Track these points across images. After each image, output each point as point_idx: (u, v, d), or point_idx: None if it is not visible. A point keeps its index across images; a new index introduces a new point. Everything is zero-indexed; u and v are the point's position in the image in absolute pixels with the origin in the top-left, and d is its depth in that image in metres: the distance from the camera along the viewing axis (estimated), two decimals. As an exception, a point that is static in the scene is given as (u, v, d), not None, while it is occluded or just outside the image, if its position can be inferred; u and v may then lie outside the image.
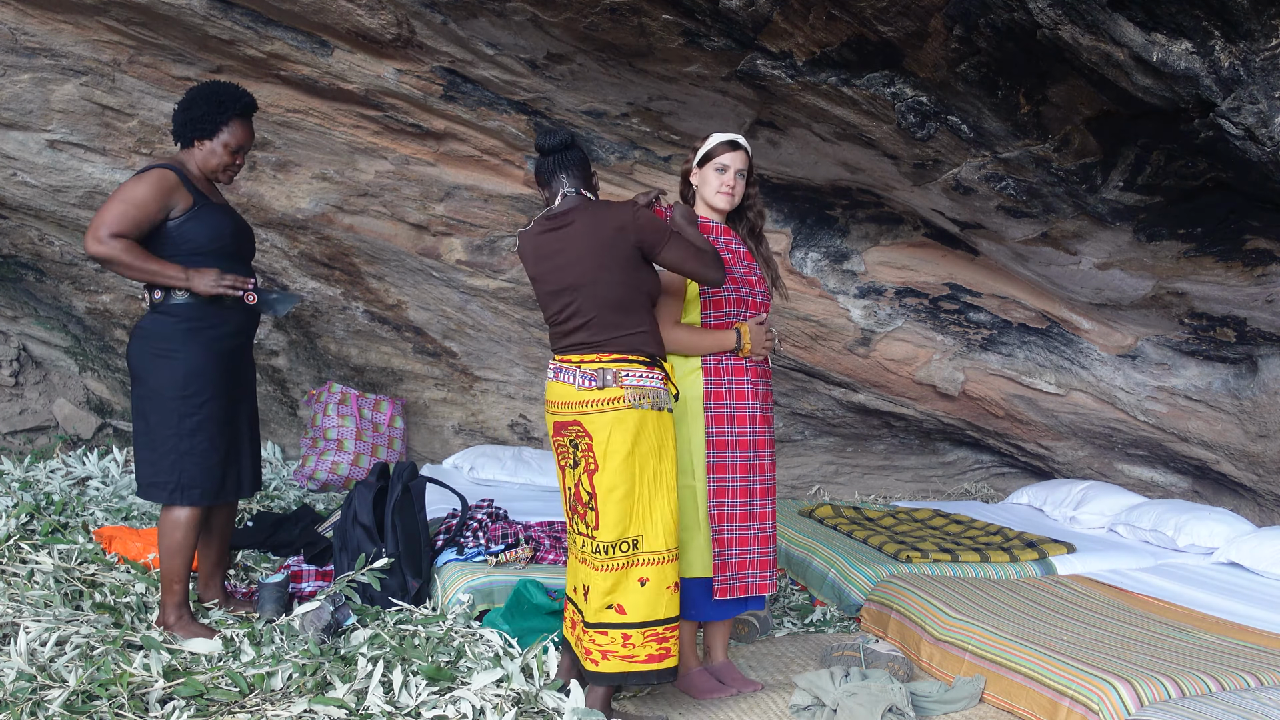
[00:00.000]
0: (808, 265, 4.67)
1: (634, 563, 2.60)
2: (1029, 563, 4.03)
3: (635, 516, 2.60)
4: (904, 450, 6.22)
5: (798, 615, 3.82)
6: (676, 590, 2.64)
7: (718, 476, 2.86)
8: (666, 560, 2.62)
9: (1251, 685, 2.68)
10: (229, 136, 3.17)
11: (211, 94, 3.15)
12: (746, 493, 2.89)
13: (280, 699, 2.60)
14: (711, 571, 2.86)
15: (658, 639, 2.60)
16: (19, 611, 2.97)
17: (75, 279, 5.54)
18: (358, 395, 5.86)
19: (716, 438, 2.86)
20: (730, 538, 2.87)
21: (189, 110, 3.14)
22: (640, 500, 2.60)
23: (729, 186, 2.92)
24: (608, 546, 2.61)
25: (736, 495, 2.88)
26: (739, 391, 2.89)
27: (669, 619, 2.62)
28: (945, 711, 2.83)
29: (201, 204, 3.12)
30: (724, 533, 2.86)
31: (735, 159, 2.92)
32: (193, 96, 3.16)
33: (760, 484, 2.93)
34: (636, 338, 2.63)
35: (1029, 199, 3.63)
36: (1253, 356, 4.31)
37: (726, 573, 2.86)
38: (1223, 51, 2.57)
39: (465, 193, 4.66)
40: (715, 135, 2.97)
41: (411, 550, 3.53)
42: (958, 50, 2.91)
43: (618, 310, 2.62)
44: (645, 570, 2.60)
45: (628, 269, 2.62)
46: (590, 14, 3.17)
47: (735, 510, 2.88)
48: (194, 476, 3.09)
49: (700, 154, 2.96)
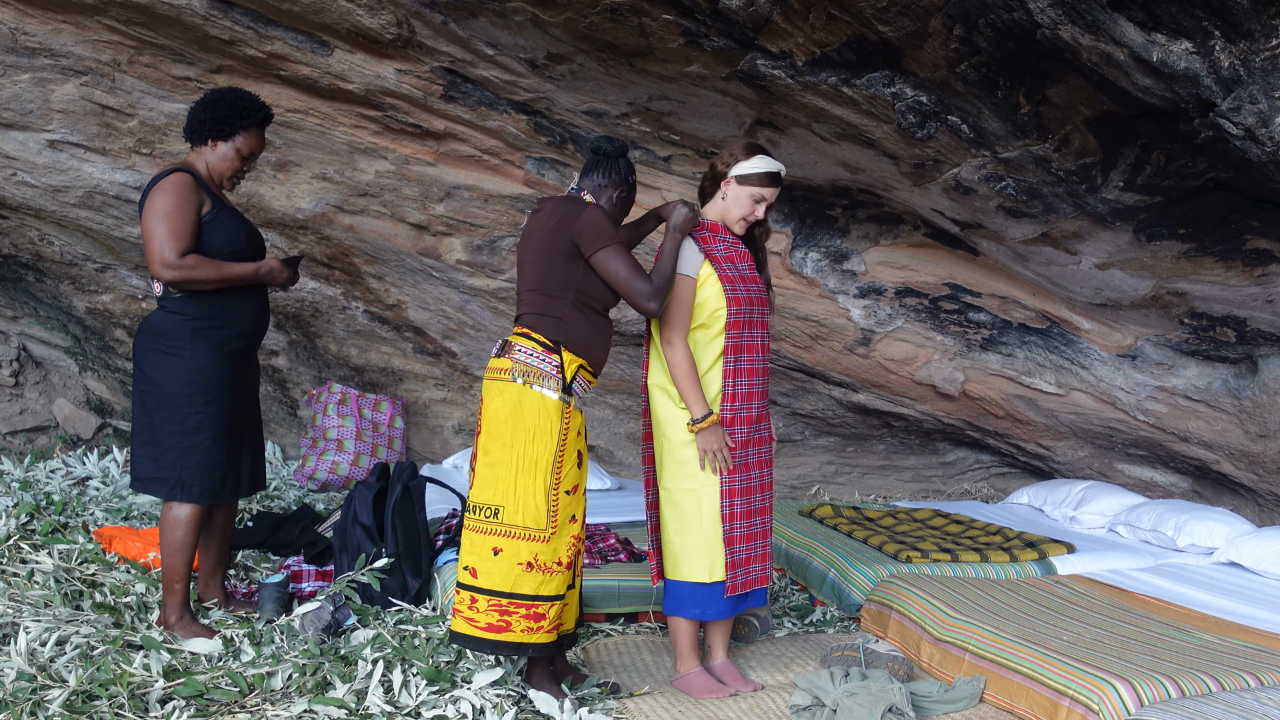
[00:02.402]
0: (808, 265, 4.67)
1: (491, 531, 2.69)
2: (1029, 563, 4.03)
3: (498, 486, 2.69)
4: (904, 450, 6.22)
5: (798, 615, 3.82)
6: (549, 574, 2.69)
7: (729, 476, 2.89)
8: (528, 538, 2.67)
9: (1251, 685, 2.68)
10: (243, 142, 3.19)
11: (236, 98, 3.18)
12: (752, 490, 2.94)
13: (280, 699, 2.61)
14: (706, 576, 2.89)
15: (500, 610, 2.66)
16: (19, 611, 2.97)
17: (75, 279, 5.54)
18: (358, 395, 5.86)
19: (735, 439, 2.90)
20: (739, 534, 2.90)
21: (212, 109, 3.15)
22: (505, 472, 2.69)
23: (756, 218, 2.98)
24: (474, 507, 2.74)
25: (743, 493, 2.92)
26: (750, 393, 2.93)
27: (524, 596, 2.67)
28: (945, 711, 2.83)
29: (219, 206, 3.15)
30: (734, 530, 2.89)
31: (773, 195, 2.97)
32: (216, 97, 3.18)
33: (762, 480, 2.99)
34: (547, 321, 2.74)
35: (1029, 199, 3.64)
36: (1253, 356, 4.31)
37: (736, 569, 2.89)
38: (1223, 51, 2.57)
39: (465, 193, 4.66)
40: (763, 160, 2.94)
41: (411, 550, 3.53)
42: (958, 50, 2.91)
43: (540, 294, 2.77)
44: (500, 541, 2.68)
45: (558, 259, 2.74)
46: (590, 14, 3.17)
47: (741, 508, 2.91)
48: (195, 474, 3.09)
49: (744, 171, 2.94)
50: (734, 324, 2.89)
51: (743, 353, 2.92)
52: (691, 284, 2.89)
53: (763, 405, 2.98)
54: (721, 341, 2.91)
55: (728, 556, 2.88)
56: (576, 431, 2.77)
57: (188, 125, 3.19)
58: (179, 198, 3.03)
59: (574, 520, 2.77)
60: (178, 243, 2.99)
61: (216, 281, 3.09)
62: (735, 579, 2.90)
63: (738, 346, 2.90)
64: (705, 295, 2.90)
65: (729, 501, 2.89)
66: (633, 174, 2.92)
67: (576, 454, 2.77)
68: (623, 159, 2.89)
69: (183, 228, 3.01)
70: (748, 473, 2.93)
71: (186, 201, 3.04)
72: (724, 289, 2.88)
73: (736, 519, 2.89)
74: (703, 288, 2.90)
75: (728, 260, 2.94)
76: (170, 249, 2.98)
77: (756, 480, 2.96)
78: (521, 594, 2.67)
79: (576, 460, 2.77)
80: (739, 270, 2.94)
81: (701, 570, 2.89)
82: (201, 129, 3.16)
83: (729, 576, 2.88)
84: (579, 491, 2.80)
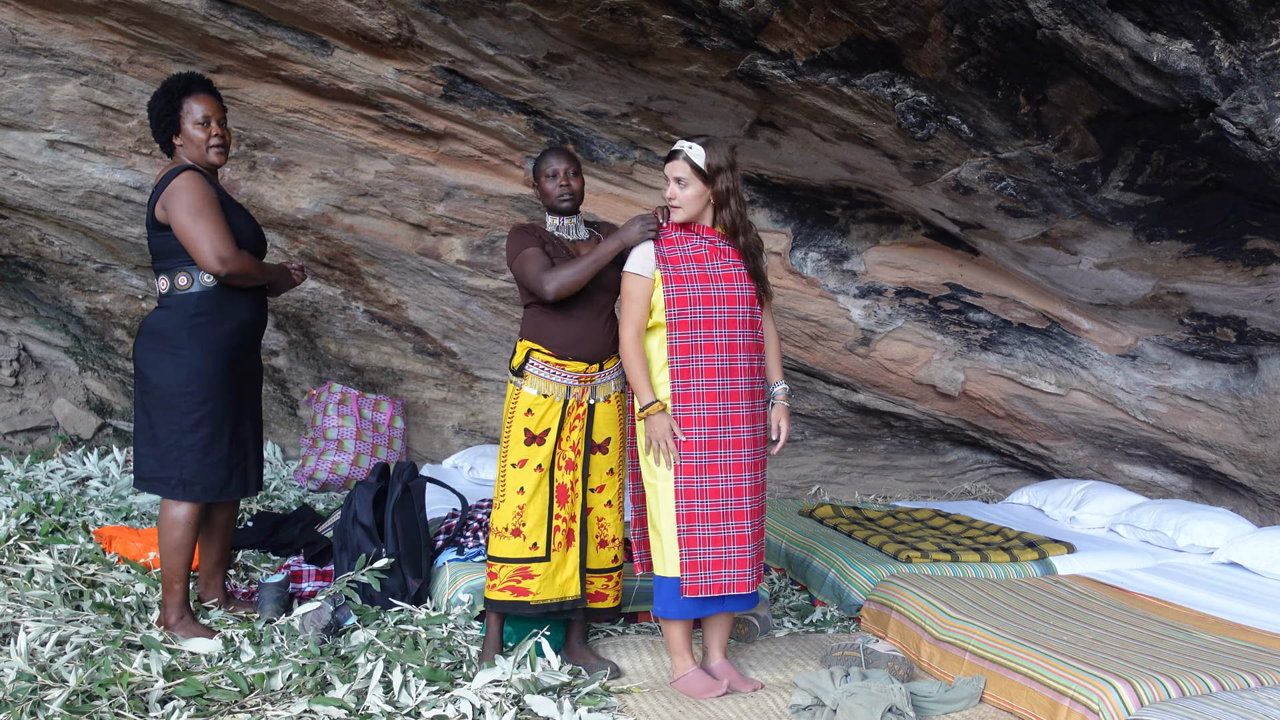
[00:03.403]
0: (808, 265, 4.67)
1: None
2: (1029, 563, 4.03)
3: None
4: (904, 450, 6.22)
5: (798, 615, 3.82)
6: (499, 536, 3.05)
7: (685, 477, 2.88)
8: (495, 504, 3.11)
9: (1251, 685, 2.68)
10: (193, 116, 3.12)
11: (160, 92, 3.17)
12: (718, 493, 2.89)
13: (280, 699, 2.61)
14: (662, 570, 2.93)
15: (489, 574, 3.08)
16: (19, 611, 2.97)
17: (75, 279, 5.54)
18: (358, 395, 5.86)
19: (684, 439, 2.89)
20: (700, 537, 2.88)
21: (151, 114, 3.17)
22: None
23: (672, 199, 2.97)
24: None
25: (706, 495, 2.88)
26: (709, 394, 2.90)
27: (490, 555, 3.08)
28: (945, 711, 2.83)
29: (225, 200, 3.17)
30: (694, 532, 2.88)
31: (674, 170, 2.95)
32: (149, 104, 3.20)
33: (735, 484, 2.91)
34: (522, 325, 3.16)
35: (1029, 199, 3.64)
36: (1253, 356, 4.31)
37: (696, 571, 2.87)
38: (1223, 51, 2.57)
39: (465, 193, 4.66)
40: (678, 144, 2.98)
41: (411, 550, 3.53)
42: (958, 50, 2.91)
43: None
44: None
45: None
46: (590, 14, 3.17)
47: (705, 510, 2.88)
48: (195, 473, 3.09)
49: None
50: (679, 324, 2.90)
51: (696, 353, 2.90)
52: (642, 283, 2.95)
53: (732, 406, 2.92)
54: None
55: (683, 557, 2.87)
56: (525, 410, 3.05)
57: (157, 141, 3.21)
58: (205, 193, 3.05)
59: (521, 492, 3.02)
60: (228, 235, 3.03)
61: (260, 278, 3.17)
62: (695, 580, 2.87)
63: (686, 347, 2.90)
64: (659, 295, 2.94)
65: (684, 501, 2.88)
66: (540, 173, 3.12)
67: (524, 431, 3.04)
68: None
69: (223, 222, 3.05)
70: (714, 474, 2.89)
71: (210, 193, 3.07)
72: (665, 290, 2.91)
73: (695, 520, 2.88)
74: (657, 287, 2.95)
75: (694, 260, 2.94)
76: (225, 243, 3.01)
77: (730, 483, 2.90)
78: (489, 553, 3.09)
79: (525, 438, 3.03)
80: (706, 270, 2.94)
81: (659, 563, 2.96)
82: (159, 137, 3.18)
83: (685, 578, 2.87)
84: (527, 467, 3.03)
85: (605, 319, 3.11)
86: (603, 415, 3.12)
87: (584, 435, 3.08)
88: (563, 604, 3.05)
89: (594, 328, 3.08)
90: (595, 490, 3.13)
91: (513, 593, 3.01)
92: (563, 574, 3.04)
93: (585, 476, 3.09)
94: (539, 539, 3.03)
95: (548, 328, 3.07)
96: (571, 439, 3.07)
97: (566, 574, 3.05)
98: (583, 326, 3.06)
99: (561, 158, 3.11)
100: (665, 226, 3.00)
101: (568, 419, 3.06)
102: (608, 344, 3.10)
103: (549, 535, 3.03)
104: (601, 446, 3.13)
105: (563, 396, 3.05)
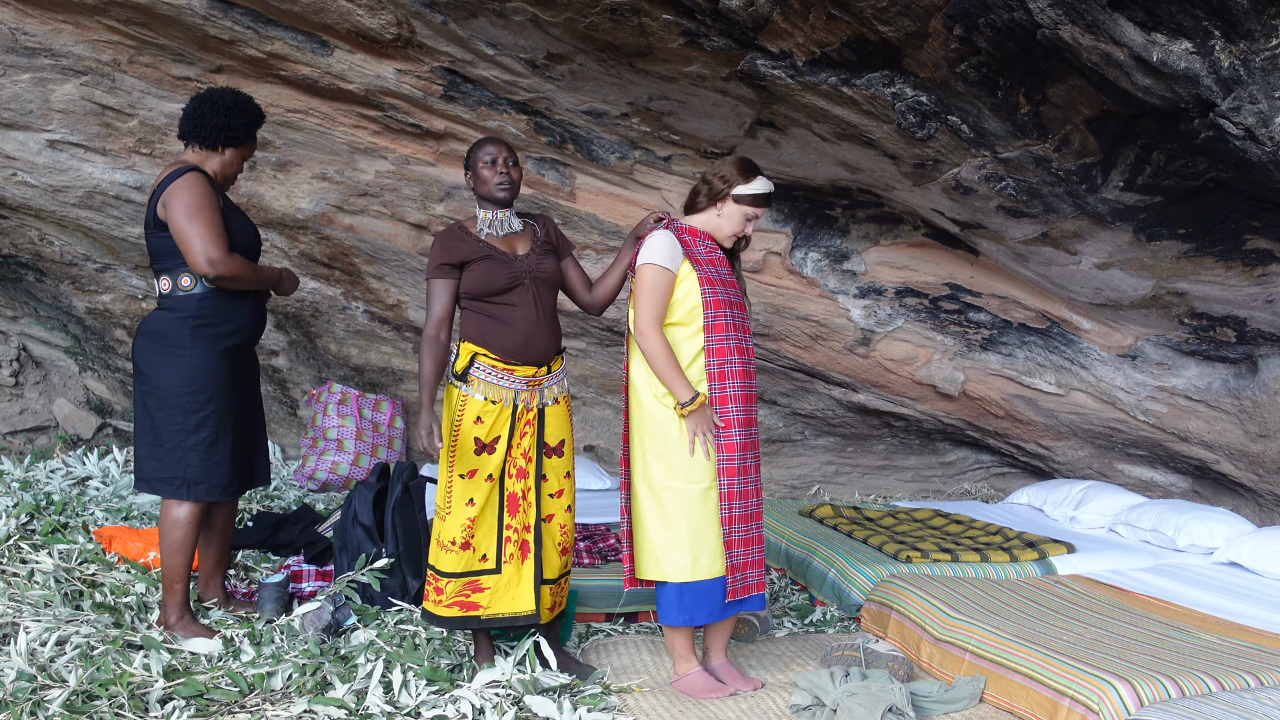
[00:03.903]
0: (808, 265, 4.67)
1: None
2: (1029, 563, 4.03)
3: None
4: (904, 450, 6.22)
5: (798, 615, 3.82)
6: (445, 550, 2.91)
7: (728, 479, 2.88)
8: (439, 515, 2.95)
9: (1251, 685, 2.68)
10: (248, 148, 3.28)
11: (249, 106, 3.22)
12: (747, 494, 2.93)
13: (280, 699, 2.61)
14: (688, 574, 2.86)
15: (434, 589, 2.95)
16: (19, 611, 2.97)
17: (75, 279, 5.54)
18: (358, 395, 5.87)
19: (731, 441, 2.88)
20: (738, 539, 2.89)
21: (228, 116, 3.16)
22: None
23: (746, 235, 3.04)
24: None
25: (742, 496, 2.91)
26: (742, 395, 2.92)
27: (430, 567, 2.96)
28: (945, 711, 2.83)
29: (226, 205, 3.18)
30: (733, 534, 2.88)
31: (763, 213, 3.04)
32: (228, 104, 3.17)
33: (757, 484, 2.98)
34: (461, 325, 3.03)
35: (1029, 199, 3.64)
36: (1253, 356, 4.31)
37: (734, 574, 2.88)
38: (1223, 51, 2.57)
39: (465, 193, 4.66)
40: (762, 182, 2.96)
41: (411, 550, 3.53)
42: (958, 50, 2.91)
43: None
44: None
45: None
46: (590, 14, 3.17)
47: (741, 511, 2.90)
48: (199, 473, 3.09)
49: (744, 192, 2.94)
50: (715, 326, 2.88)
51: (730, 355, 2.89)
52: (668, 276, 2.86)
53: (750, 408, 2.95)
54: (698, 341, 2.89)
55: (728, 560, 2.88)
56: (474, 418, 2.89)
57: (193, 128, 3.17)
58: (205, 195, 3.04)
59: (471, 504, 2.89)
60: (222, 238, 3.03)
61: (250, 283, 3.16)
62: (734, 583, 2.88)
63: (723, 349, 2.88)
64: (683, 292, 2.89)
65: (728, 504, 2.87)
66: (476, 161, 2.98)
67: (474, 440, 2.88)
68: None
69: (218, 223, 3.04)
70: (745, 476, 2.91)
71: (212, 196, 3.06)
72: (702, 290, 2.87)
73: (735, 522, 2.88)
74: (681, 284, 2.89)
75: (708, 264, 2.94)
76: (216, 245, 3.00)
77: (753, 485, 2.96)
78: (430, 565, 2.95)
79: (475, 447, 2.88)
80: (719, 274, 2.94)
81: (683, 568, 2.84)
82: (218, 135, 3.16)
83: (730, 581, 2.87)
84: (478, 477, 2.89)
85: (549, 318, 3.00)
86: (553, 417, 2.99)
87: (535, 440, 2.95)
88: (515, 619, 2.90)
89: (540, 329, 2.95)
90: (554, 495, 3.00)
91: (461, 608, 2.88)
92: (515, 587, 2.91)
93: (539, 483, 2.96)
94: (488, 550, 2.91)
95: (492, 331, 2.92)
96: (523, 445, 2.94)
97: (520, 587, 2.91)
98: (529, 329, 2.93)
99: (500, 145, 2.98)
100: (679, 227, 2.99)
101: (518, 425, 2.92)
102: (554, 344, 3.00)
103: (499, 546, 2.91)
104: (556, 449, 3.00)
105: (511, 401, 2.92)
